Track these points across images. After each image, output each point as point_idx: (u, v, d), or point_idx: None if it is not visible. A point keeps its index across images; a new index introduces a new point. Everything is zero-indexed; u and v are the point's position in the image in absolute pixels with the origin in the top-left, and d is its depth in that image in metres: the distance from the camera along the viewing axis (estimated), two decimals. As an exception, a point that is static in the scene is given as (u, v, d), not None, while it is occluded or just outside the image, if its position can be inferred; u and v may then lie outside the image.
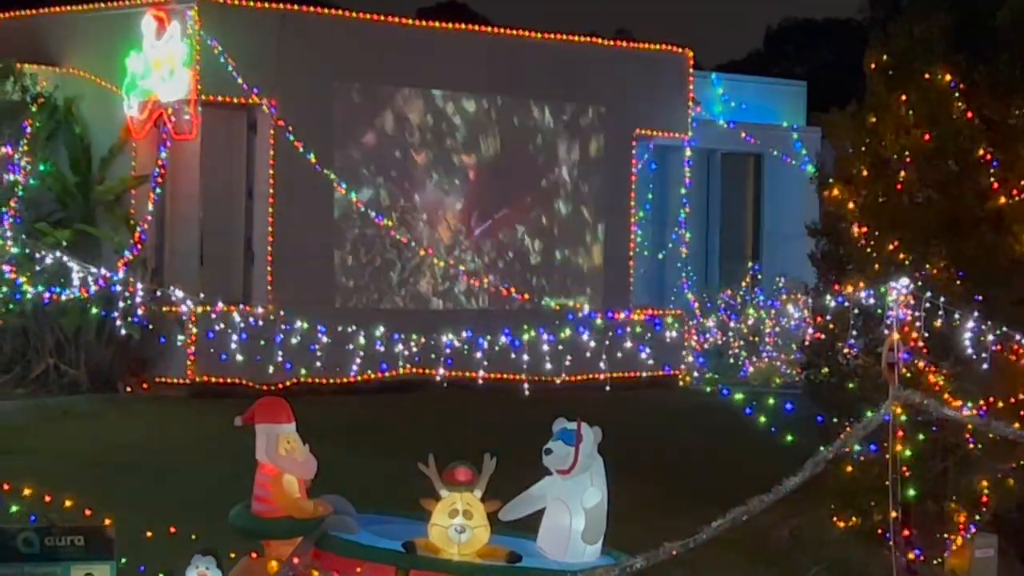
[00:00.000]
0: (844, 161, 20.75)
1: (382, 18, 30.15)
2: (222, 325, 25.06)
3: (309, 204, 27.73)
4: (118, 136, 27.32)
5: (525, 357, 21.06)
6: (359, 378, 25.41)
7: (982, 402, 16.79)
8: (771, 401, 19.26)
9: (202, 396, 25.53)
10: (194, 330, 25.83)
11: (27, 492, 15.32)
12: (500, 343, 19.41)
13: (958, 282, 18.60)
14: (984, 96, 20.02)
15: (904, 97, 20.09)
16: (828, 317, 19.53)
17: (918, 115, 19.98)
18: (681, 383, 28.85)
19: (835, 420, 17.47)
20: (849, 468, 17.13)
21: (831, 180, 20.79)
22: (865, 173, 20.23)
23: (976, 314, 17.00)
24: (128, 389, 26.14)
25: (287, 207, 27.60)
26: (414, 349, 19.92)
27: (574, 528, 13.53)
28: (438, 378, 20.75)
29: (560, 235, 31.10)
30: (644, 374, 27.17)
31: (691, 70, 33.02)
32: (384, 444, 20.51)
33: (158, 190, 27.00)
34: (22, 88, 26.67)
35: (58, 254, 18.05)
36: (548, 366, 22.18)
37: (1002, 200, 19.62)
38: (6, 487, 15.57)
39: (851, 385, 18.91)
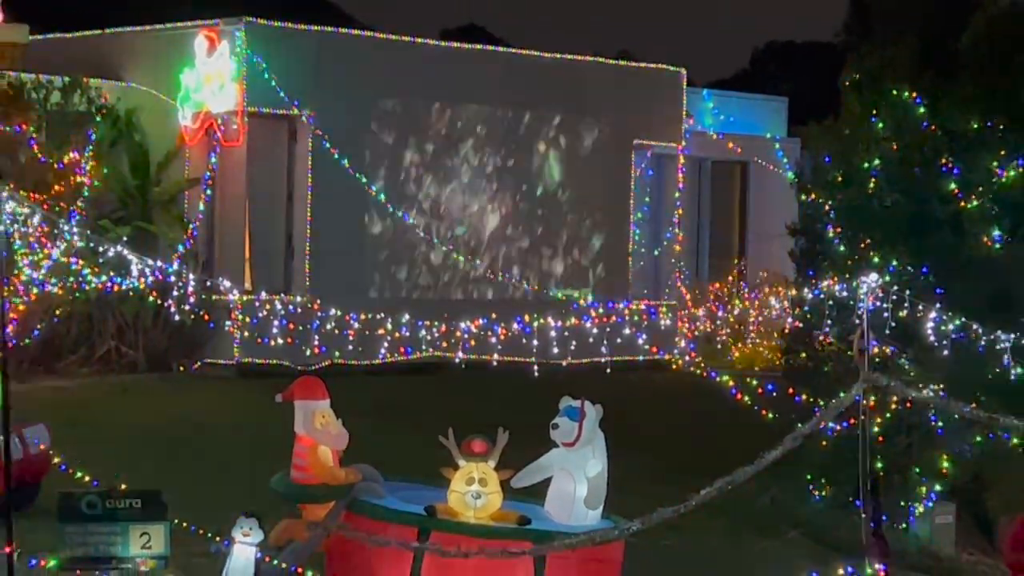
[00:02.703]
0: (821, 169, 20.71)
1: (409, 39, 30.15)
2: (265, 312, 25.11)
3: (343, 204, 27.74)
4: (173, 143, 27.38)
5: (534, 342, 21.07)
6: (387, 360, 25.44)
7: (943, 384, 16.77)
8: (754, 383, 19.24)
9: (246, 376, 25.58)
10: (240, 316, 25.86)
11: (92, 459, 15.36)
12: (512, 329, 19.37)
13: (922, 277, 18.58)
14: (946, 111, 19.98)
15: (875, 112, 20.06)
16: (806, 308, 19.52)
17: (887, 128, 19.95)
18: (674, 366, 28.80)
19: (811, 400, 17.47)
20: (824, 443, 17.10)
21: (809, 185, 20.76)
22: (839, 179, 20.20)
23: (938, 306, 16.95)
24: (181, 369, 26.19)
25: (323, 207, 27.62)
26: (436, 335, 19.89)
27: (578, 495, 13.52)
28: (457, 360, 20.72)
29: (566, 233, 31.08)
30: (641, 358, 27.12)
31: (684, 87, 33.00)
32: (408, 419, 20.51)
33: (208, 191, 27.06)
34: (88, 100, 26.71)
35: (119, 248, 17.94)
36: (555, 350, 22.18)
37: (962, 204, 19.58)
38: (73, 455, 15.61)
39: (826, 368, 18.88)
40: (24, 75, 26.75)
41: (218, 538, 13.85)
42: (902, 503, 18.19)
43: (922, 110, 19.87)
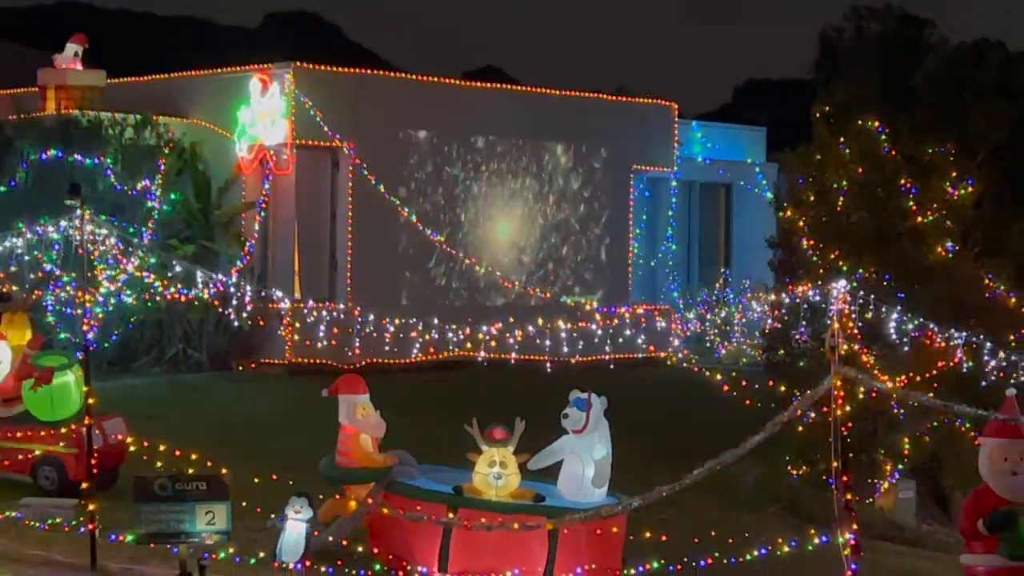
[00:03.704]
0: (795, 189, 20.71)
1: (435, 79, 30.19)
2: (312, 318, 25.10)
3: (379, 224, 27.74)
4: (231, 172, 27.39)
5: (547, 343, 21.02)
6: (418, 359, 25.40)
7: (903, 377, 16.73)
8: (739, 376, 19.21)
9: (296, 374, 25.57)
10: (290, 322, 25.87)
11: (162, 447, 15.37)
12: (527, 332, 19.32)
13: (885, 283, 18.55)
14: (905, 138, 19.97)
15: (842, 139, 20.04)
16: (783, 311, 19.51)
17: (853, 153, 19.94)
18: (668, 363, 28.71)
19: (789, 391, 17.42)
20: (800, 428, 17.06)
21: (785, 204, 20.75)
22: (812, 198, 20.19)
23: (899, 308, 16.92)
24: (239, 368, 26.18)
25: (362, 226, 27.61)
26: (461, 337, 19.86)
27: (586, 475, 13.50)
28: (479, 359, 20.67)
29: (574, 247, 31.05)
30: (640, 356, 27.06)
31: (675, 119, 32.95)
32: (437, 410, 20.48)
33: (262, 214, 27.06)
34: (157, 135, 26.74)
35: (185, 263, 17.98)
36: (565, 349, 22.12)
37: (919, 219, 19.57)
38: (146, 444, 15.63)
39: (801, 364, 18.86)
40: (102, 114, 26.80)
41: (273, 515, 13.85)
42: (869, 480, 18.17)
43: (884, 138, 19.88)
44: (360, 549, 13.64)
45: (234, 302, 20.51)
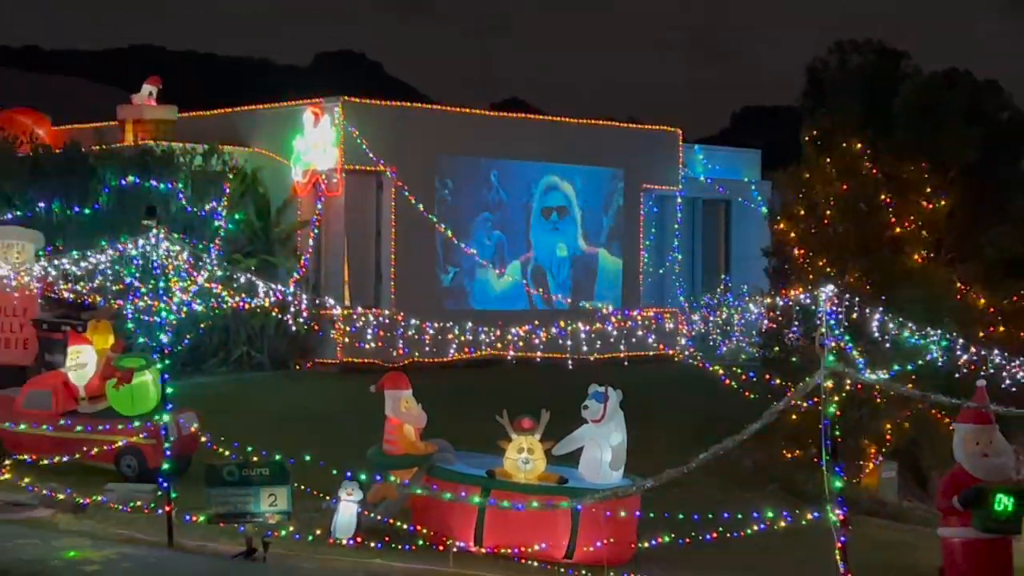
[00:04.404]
0: (787, 204, 20.72)
1: (466, 110, 30.22)
2: (360, 323, 25.13)
3: (418, 238, 27.77)
4: (288, 194, 27.45)
5: (569, 342, 21.01)
6: (455, 358, 25.41)
7: (885, 370, 16.69)
8: (738, 371, 19.18)
9: (347, 372, 25.61)
10: (341, 326, 25.91)
11: (229, 438, 15.42)
12: (551, 332, 19.32)
13: (868, 287, 18.51)
14: (884, 158, 19.94)
15: (828, 160, 20.02)
16: (778, 312, 19.47)
17: (838, 172, 19.92)
18: (676, 359, 28.67)
19: (783, 384, 17.40)
20: (794, 416, 17.04)
21: (778, 218, 20.74)
22: (802, 212, 20.17)
23: (881, 309, 16.87)
24: (297, 367, 26.23)
25: (403, 241, 27.65)
26: (492, 338, 19.88)
27: (604, 460, 13.52)
28: (509, 358, 20.69)
29: (592, 257, 31.03)
30: (650, 353, 27.03)
31: (680, 143, 32.90)
32: (472, 403, 20.50)
33: (316, 231, 27.12)
34: (223, 162, 26.82)
35: (248, 275, 18.03)
36: (584, 348, 22.12)
37: (897, 230, 19.53)
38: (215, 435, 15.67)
39: (794, 359, 18.83)
40: (174, 144, 26.89)
41: (328, 497, 13.90)
42: (855, 462, 18.12)
43: (865, 158, 19.85)
44: (405, 526, 13.67)
45: (291, 309, 20.57)
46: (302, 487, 14.03)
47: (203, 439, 15.55)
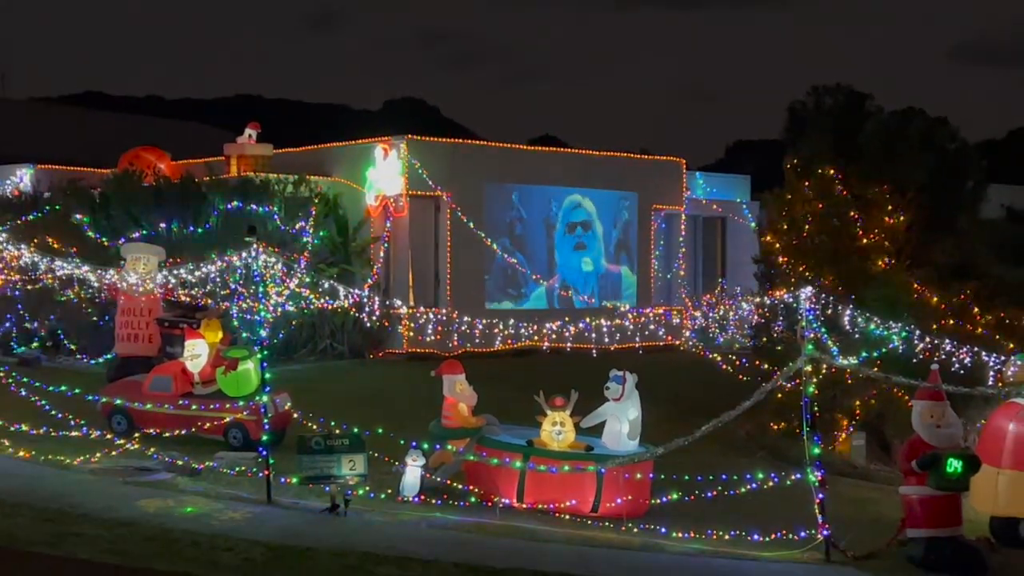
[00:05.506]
0: (773, 221, 20.60)
1: (508, 145, 30.23)
2: (422, 319, 25.16)
3: (470, 251, 27.78)
4: (362, 215, 27.51)
5: (593, 335, 20.99)
6: (499, 348, 25.41)
7: (855, 357, 16.59)
8: (733, 358, 19.09)
9: (412, 360, 25.65)
10: (407, 322, 25.96)
11: (316, 414, 15.50)
12: (578, 327, 19.30)
13: (840, 289, 18.40)
14: (853, 182, 19.81)
15: (807, 183, 19.91)
16: (765, 309, 19.39)
17: (815, 193, 19.81)
18: (681, 348, 28.57)
19: (771, 368, 17.35)
20: (779, 396, 16.97)
21: (765, 231, 20.63)
22: (785, 227, 20.06)
23: (851, 307, 16.78)
24: (371, 357, 26.29)
25: (458, 253, 27.68)
26: (530, 331, 19.87)
27: (623, 431, 13.51)
28: (544, 348, 20.67)
29: (612, 265, 30.96)
30: (660, 343, 26.96)
31: (684, 170, 32.82)
32: (514, 385, 20.47)
33: (386, 245, 27.17)
34: (309, 189, 26.92)
35: (331, 282, 18.11)
36: (606, 340, 22.08)
37: (864, 241, 19.40)
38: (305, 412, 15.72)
39: (779, 348, 18.73)
40: (270, 175, 27.02)
41: (396, 462, 13.94)
42: (831, 433, 18.01)
43: (837, 182, 19.73)
44: (460, 486, 13.70)
45: (366, 309, 20.62)
46: (375, 454, 14.09)
47: (295, 415, 15.65)
